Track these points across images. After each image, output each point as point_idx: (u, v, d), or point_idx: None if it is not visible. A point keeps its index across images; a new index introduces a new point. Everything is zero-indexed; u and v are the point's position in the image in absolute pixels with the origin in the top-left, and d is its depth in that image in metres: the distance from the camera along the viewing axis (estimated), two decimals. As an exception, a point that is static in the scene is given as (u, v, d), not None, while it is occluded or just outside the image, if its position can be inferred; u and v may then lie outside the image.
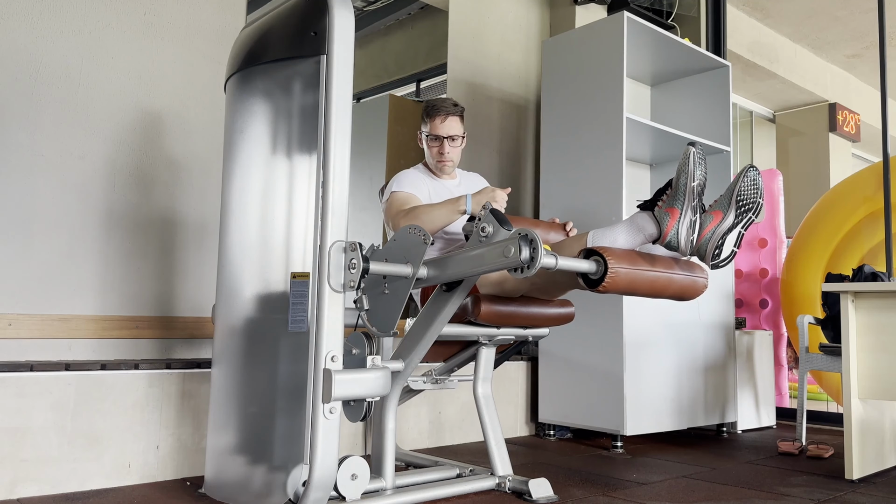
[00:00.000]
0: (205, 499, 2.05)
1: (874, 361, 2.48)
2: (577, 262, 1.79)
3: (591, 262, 1.82)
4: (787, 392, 4.59)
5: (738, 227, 1.86)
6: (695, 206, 1.82)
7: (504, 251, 1.69)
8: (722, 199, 1.88)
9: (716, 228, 1.86)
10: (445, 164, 2.56)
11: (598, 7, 4.02)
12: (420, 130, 2.59)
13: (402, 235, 1.87)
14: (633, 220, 1.90)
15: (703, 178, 1.84)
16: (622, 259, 1.84)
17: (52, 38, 2.42)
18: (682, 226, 1.82)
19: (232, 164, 2.06)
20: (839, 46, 6.36)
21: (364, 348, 1.83)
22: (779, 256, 4.67)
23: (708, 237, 1.86)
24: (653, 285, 1.90)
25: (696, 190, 1.81)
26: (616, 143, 3.14)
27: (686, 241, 1.82)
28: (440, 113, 2.50)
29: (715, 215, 1.87)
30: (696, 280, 2.01)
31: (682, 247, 1.83)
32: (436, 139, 2.52)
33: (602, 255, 1.82)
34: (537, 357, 3.44)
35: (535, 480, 2.14)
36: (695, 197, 1.81)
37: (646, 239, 1.89)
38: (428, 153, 2.58)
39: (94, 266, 2.46)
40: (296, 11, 1.90)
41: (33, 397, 2.07)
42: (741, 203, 1.85)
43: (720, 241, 1.84)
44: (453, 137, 2.53)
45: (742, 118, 7.09)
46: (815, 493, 2.28)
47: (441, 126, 2.51)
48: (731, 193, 1.87)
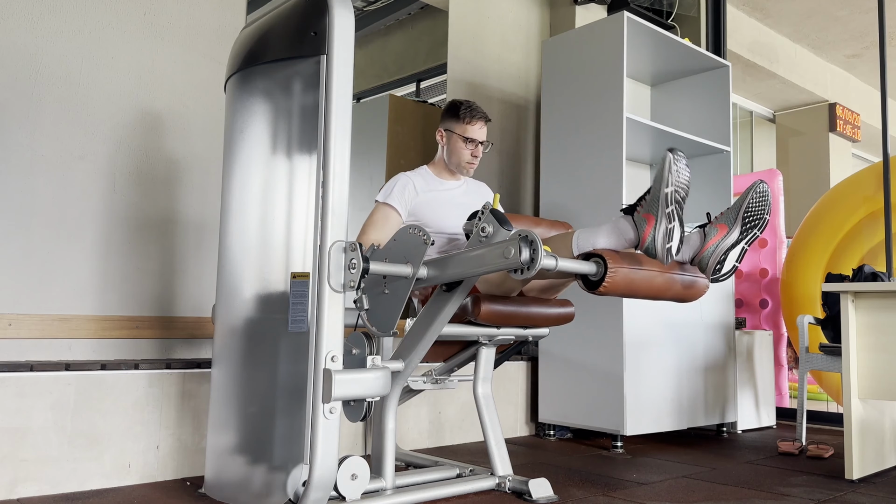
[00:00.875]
0: (205, 499, 2.05)
1: (874, 361, 2.48)
2: (577, 264, 1.79)
3: (591, 264, 1.82)
4: (787, 392, 4.59)
5: (742, 243, 1.85)
6: (670, 212, 1.78)
7: (504, 252, 1.70)
8: (728, 212, 1.87)
9: (719, 242, 1.85)
10: (473, 167, 2.60)
11: (598, 7, 4.02)
12: (447, 128, 2.57)
13: (403, 235, 1.87)
14: (615, 223, 1.89)
15: (682, 184, 1.80)
16: (622, 261, 1.83)
17: (52, 38, 2.42)
18: (658, 233, 1.80)
19: (232, 164, 2.06)
20: (839, 46, 6.36)
21: (364, 348, 1.83)
22: (779, 256, 4.67)
23: (711, 250, 1.86)
24: (652, 287, 1.90)
25: (671, 197, 1.77)
26: (616, 143, 3.14)
27: (662, 248, 1.79)
28: (479, 118, 2.56)
29: (720, 229, 1.86)
30: (697, 282, 2.01)
31: (658, 254, 1.81)
32: (471, 141, 2.55)
33: (602, 257, 1.82)
34: (537, 357, 3.44)
35: (535, 480, 2.14)
36: (670, 203, 1.78)
37: (627, 244, 1.88)
38: (451, 151, 2.57)
39: (94, 266, 2.46)
40: (296, 11, 1.90)
41: (33, 397, 2.07)
42: (748, 219, 1.85)
43: (722, 257, 1.84)
44: (484, 143, 2.59)
45: (742, 118, 7.09)
46: (815, 493, 2.28)
47: (479, 131, 2.56)
48: (739, 208, 1.85)
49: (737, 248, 1.85)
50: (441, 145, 2.60)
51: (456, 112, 2.55)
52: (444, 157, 2.60)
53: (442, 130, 2.58)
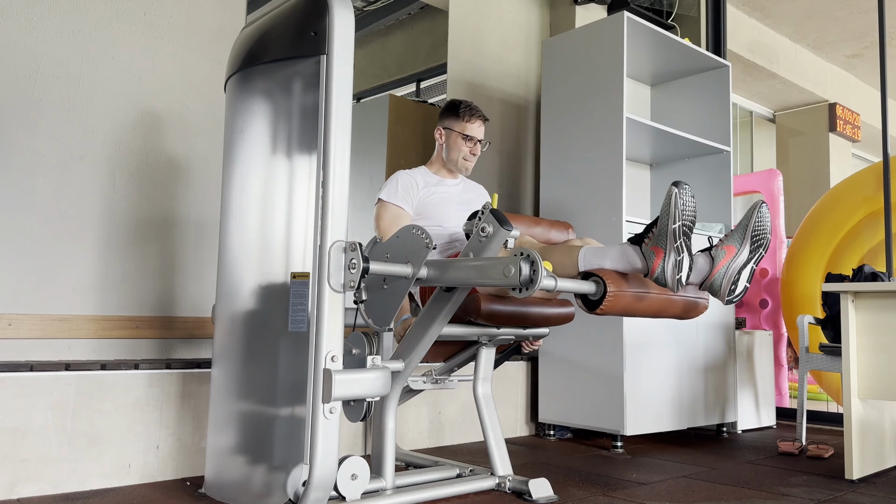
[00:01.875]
0: (205, 499, 2.05)
1: (874, 361, 2.48)
2: (576, 284, 1.82)
3: (591, 284, 1.84)
4: (787, 392, 4.59)
5: (752, 263, 1.86)
6: (678, 246, 1.80)
7: (504, 270, 1.71)
8: (734, 234, 1.88)
9: (730, 264, 1.86)
10: (470, 164, 2.63)
11: (598, 7, 4.02)
12: (446, 126, 2.60)
13: (407, 235, 1.87)
14: (623, 250, 1.90)
15: (689, 216, 1.81)
16: (624, 283, 1.85)
17: (52, 38, 2.42)
18: (668, 264, 1.82)
19: (232, 164, 2.06)
20: (839, 46, 6.36)
21: (364, 348, 1.83)
22: (779, 256, 4.67)
23: (722, 272, 1.86)
24: (651, 309, 1.93)
25: (679, 230, 1.80)
26: (616, 143, 3.14)
27: (672, 279, 1.82)
28: (478, 117, 2.60)
29: (727, 250, 1.87)
30: (698, 301, 2.03)
31: (669, 284, 1.83)
32: (470, 139, 2.59)
33: (601, 277, 1.84)
34: (537, 357, 3.44)
35: (535, 480, 2.14)
36: (678, 237, 1.80)
37: (634, 271, 1.89)
38: (449, 148, 2.60)
39: (94, 266, 2.46)
40: (296, 11, 1.90)
41: (33, 397, 2.07)
42: (756, 238, 1.86)
43: (736, 277, 1.85)
44: (482, 141, 2.63)
45: (742, 118, 7.08)
46: (815, 493, 2.28)
47: (478, 129, 2.61)
48: (746, 229, 1.86)
49: (747, 268, 1.86)
50: (439, 143, 2.62)
51: (455, 110, 2.59)
52: (443, 155, 2.63)
53: (441, 128, 2.61)
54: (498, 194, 3.37)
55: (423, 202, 2.51)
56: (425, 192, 2.53)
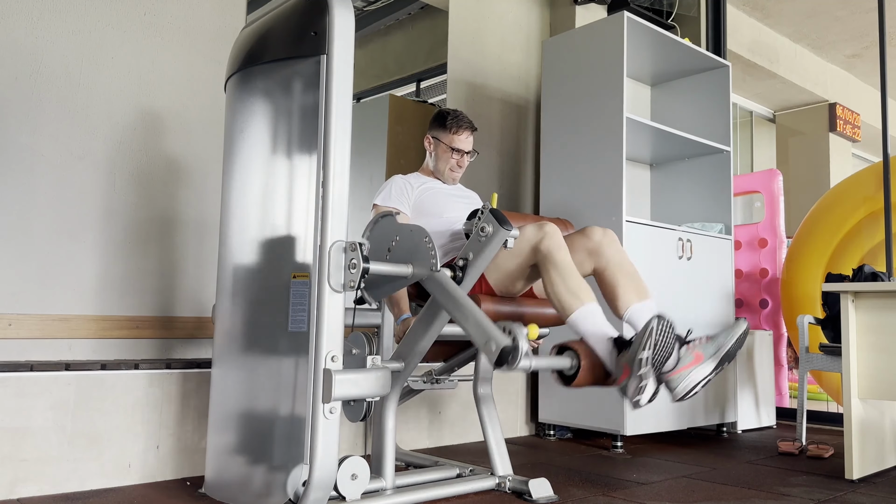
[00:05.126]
0: (205, 499, 2.05)
1: (874, 361, 2.48)
2: (552, 361, 1.89)
3: (566, 359, 1.91)
4: (787, 392, 4.59)
5: (711, 377, 1.87)
6: (642, 374, 1.81)
7: (487, 345, 1.75)
8: (708, 344, 1.87)
9: (692, 371, 1.85)
10: (457, 175, 2.63)
11: (598, 7, 4.02)
12: (434, 136, 2.61)
13: (411, 237, 1.89)
14: (609, 349, 1.92)
15: (661, 351, 1.81)
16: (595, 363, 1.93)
17: (52, 38, 2.42)
18: (630, 385, 1.84)
19: (232, 164, 2.06)
20: (839, 46, 6.36)
21: (364, 348, 1.83)
22: (779, 256, 4.67)
23: (682, 377, 1.85)
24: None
25: (646, 361, 1.80)
26: (616, 143, 3.14)
27: (632, 399, 1.85)
28: (465, 128, 2.58)
29: (695, 357, 1.86)
30: None
31: (628, 399, 1.87)
32: (457, 151, 2.59)
33: (576, 351, 1.91)
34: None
35: (535, 480, 2.14)
36: (643, 366, 1.81)
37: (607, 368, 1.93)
38: (438, 160, 2.61)
39: (94, 266, 2.46)
40: (296, 11, 1.90)
41: (33, 397, 2.07)
42: (726, 358, 1.86)
43: (693, 387, 1.85)
44: (470, 152, 2.62)
45: (742, 118, 7.09)
46: (815, 493, 2.28)
47: (465, 141, 2.59)
48: (720, 347, 1.86)
49: (705, 381, 1.86)
50: (429, 152, 2.63)
51: (443, 121, 2.59)
52: (431, 164, 2.64)
53: (430, 137, 2.63)
54: (498, 194, 3.37)
55: (420, 199, 2.52)
56: (421, 191, 2.54)
